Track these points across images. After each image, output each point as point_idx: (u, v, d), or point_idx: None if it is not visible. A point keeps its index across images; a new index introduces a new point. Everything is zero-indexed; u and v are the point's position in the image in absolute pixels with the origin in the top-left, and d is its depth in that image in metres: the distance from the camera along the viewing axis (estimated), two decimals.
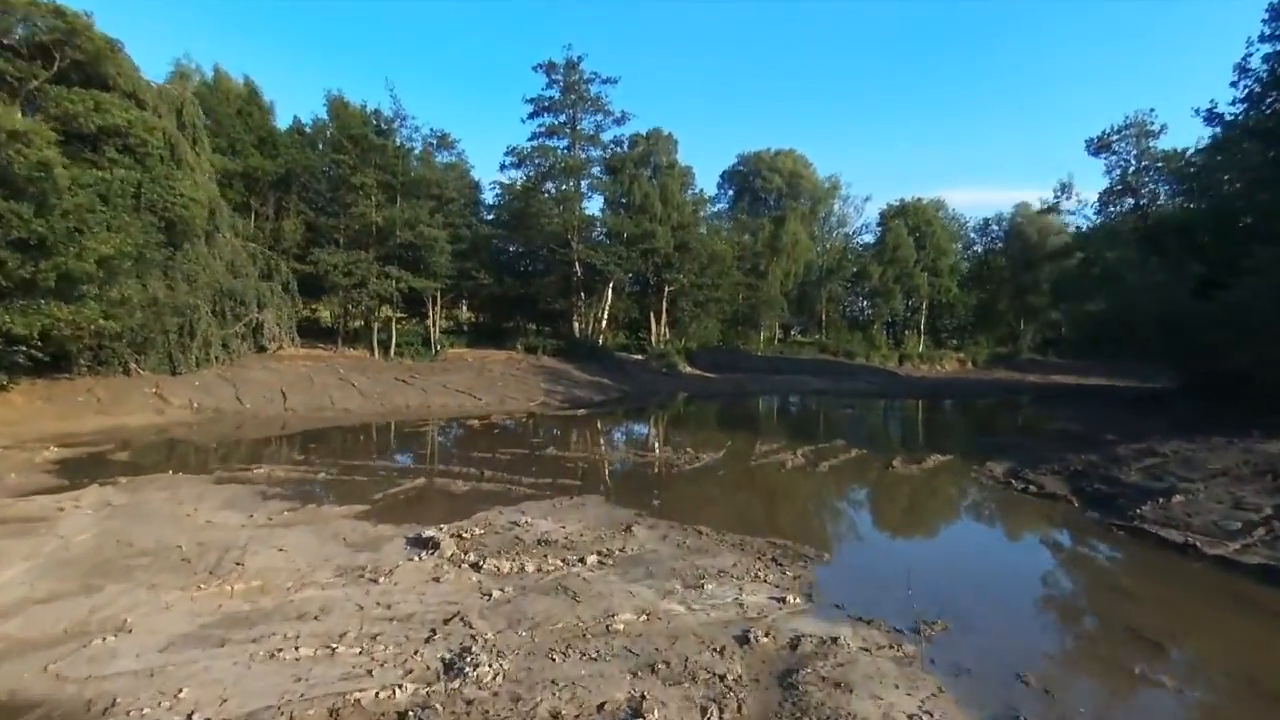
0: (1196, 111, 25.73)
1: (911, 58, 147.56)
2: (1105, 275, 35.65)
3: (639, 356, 47.90)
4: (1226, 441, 13.80)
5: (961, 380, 52.73)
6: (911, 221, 71.46)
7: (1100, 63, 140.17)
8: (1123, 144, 32.98)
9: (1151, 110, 33.07)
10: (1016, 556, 9.82)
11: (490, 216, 51.03)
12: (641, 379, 41.26)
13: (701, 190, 64.67)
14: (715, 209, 69.93)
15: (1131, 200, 33.66)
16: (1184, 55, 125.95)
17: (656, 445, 19.04)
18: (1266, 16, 22.71)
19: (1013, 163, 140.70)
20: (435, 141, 46.73)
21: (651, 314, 53.92)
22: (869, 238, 76.79)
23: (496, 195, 48.61)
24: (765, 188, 71.40)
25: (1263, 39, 23.14)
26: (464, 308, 56.69)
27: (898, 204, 74.01)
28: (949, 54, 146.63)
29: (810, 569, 8.72)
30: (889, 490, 14.60)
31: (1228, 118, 24.81)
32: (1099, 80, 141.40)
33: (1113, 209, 34.63)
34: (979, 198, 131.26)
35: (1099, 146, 33.52)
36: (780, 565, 8.78)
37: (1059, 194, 37.25)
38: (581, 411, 28.09)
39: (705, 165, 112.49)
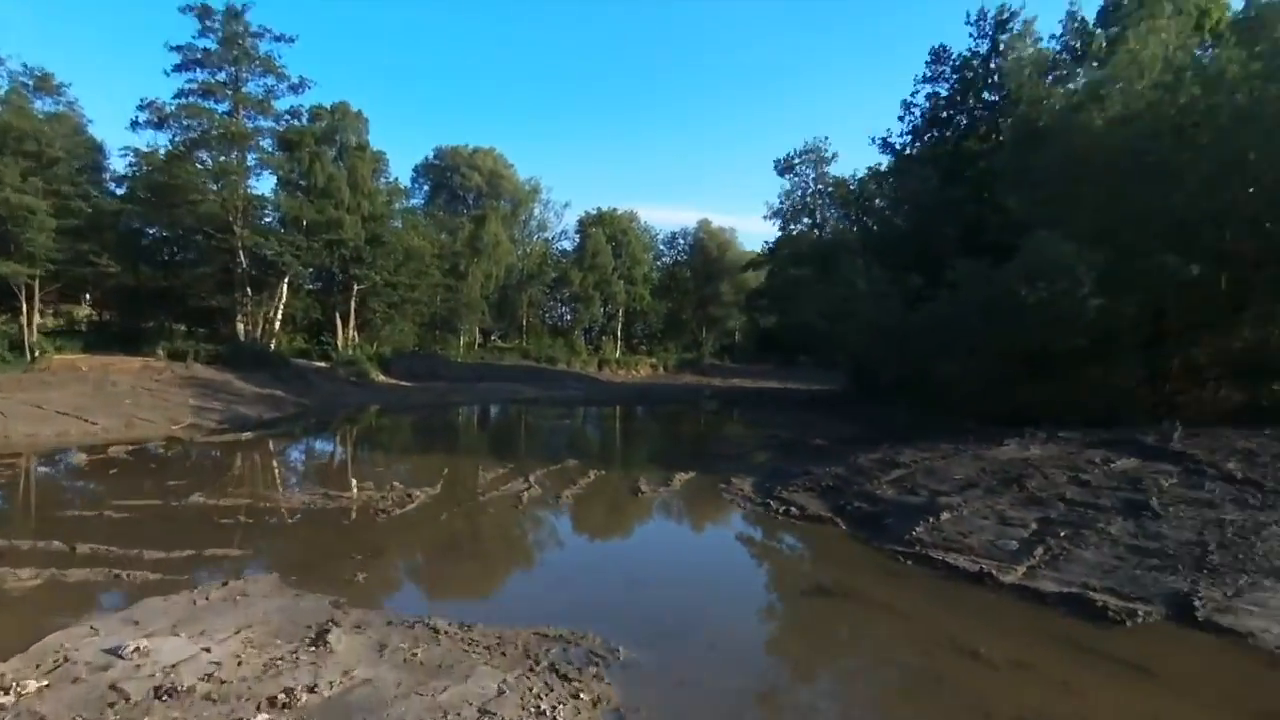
0: (873, 140, 28.70)
1: (612, 75, 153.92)
2: (788, 288, 38.83)
3: (323, 364, 41.39)
4: (955, 449, 14.24)
5: (658, 385, 54.58)
6: (609, 230, 73.16)
7: (791, 89, 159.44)
8: (803, 167, 36.28)
9: (826, 138, 36.93)
10: (844, 619, 8.20)
11: (120, 189, 40.33)
12: (326, 390, 35.38)
13: (396, 179, 59.09)
14: (411, 204, 64.57)
15: (809, 220, 37.16)
16: (865, 89, 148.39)
17: (353, 479, 14.95)
18: (929, 59, 25.95)
19: (692, 184, 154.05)
20: (31, 82, 35.59)
21: (338, 315, 47.31)
22: (568, 244, 77.26)
23: (131, 164, 38.46)
24: (464, 185, 67.78)
25: (924, 80, 26.38)
26: (84, 303, 44.48)
27: (595, 212, 75.46)
28: (642, 77, 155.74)
29: (607, 680, 6.08)
30: (653, 524, 12.72)
31: (898, 147, 28.00)
32: (789, 106, 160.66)
33: (792, 227, 37.92)
34: (667, 216, 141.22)
35: (784, 168, 36.50)
36: (565, 679, 6.01)
37: (772, 216, 39.97)
38: (247, 434, 22.31)
39: (398, 156, 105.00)
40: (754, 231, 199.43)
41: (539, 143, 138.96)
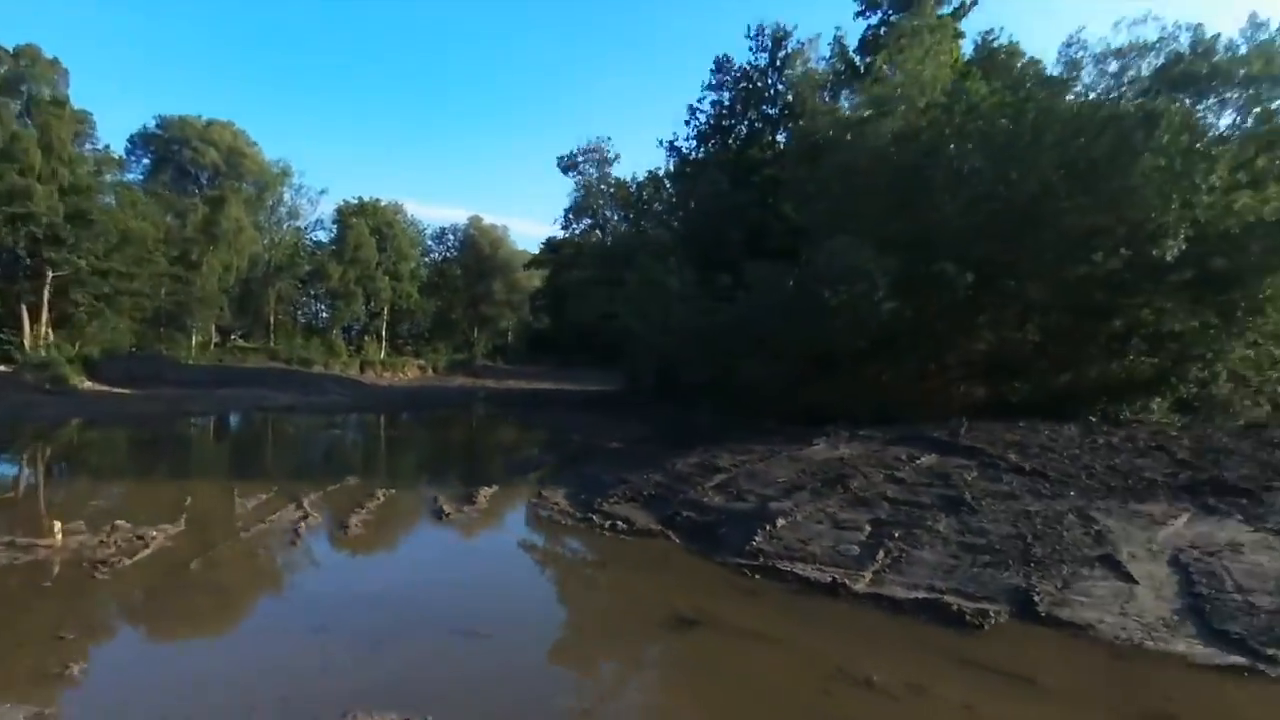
0: (660, 142, 29.07)
1: (379, 61, 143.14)
2: (572, 287, 38.44)
3: (3, 368, 33.31)
4: (769, 450, 14.30)
5: (428, 388, 51.44)
6: (372, 222, 67.92)
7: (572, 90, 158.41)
8: (586, 166, 35.99)
9: (609, 138, 36.85)
10: (718, 655, 7.38)
11: None
12: (7, 401, 28.36)
13: (109, 147, 49.74)
14: (127, 177, 54.62)
15: (590, 220, 36.97)
16: (639, 96, 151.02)
17: (55, 520, 11.40)
18: (713, 68, 26.82)
19: (462, 183, 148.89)
20: None
21: (24, 308, 38.43)
22: (324, 235, 70.51)
23: None
24: (196, 162, 58.87)
25: (709, 87, 27.25)
26: None
27: (356, 202, 69.68)
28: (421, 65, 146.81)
29: None
30: (469, 556, 11.11)
31: (684, 151, 28.63)
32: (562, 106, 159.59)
33: (575, 226, 37.53)
34: (433, 214, 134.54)
35: (568, 165, 35.94)
36: None
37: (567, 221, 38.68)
38: None
39: (109, 123, 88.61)
40: (529, 233, 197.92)
41: (289, 123, 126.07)
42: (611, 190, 36.12)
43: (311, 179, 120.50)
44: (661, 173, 33.25)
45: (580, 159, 35.98)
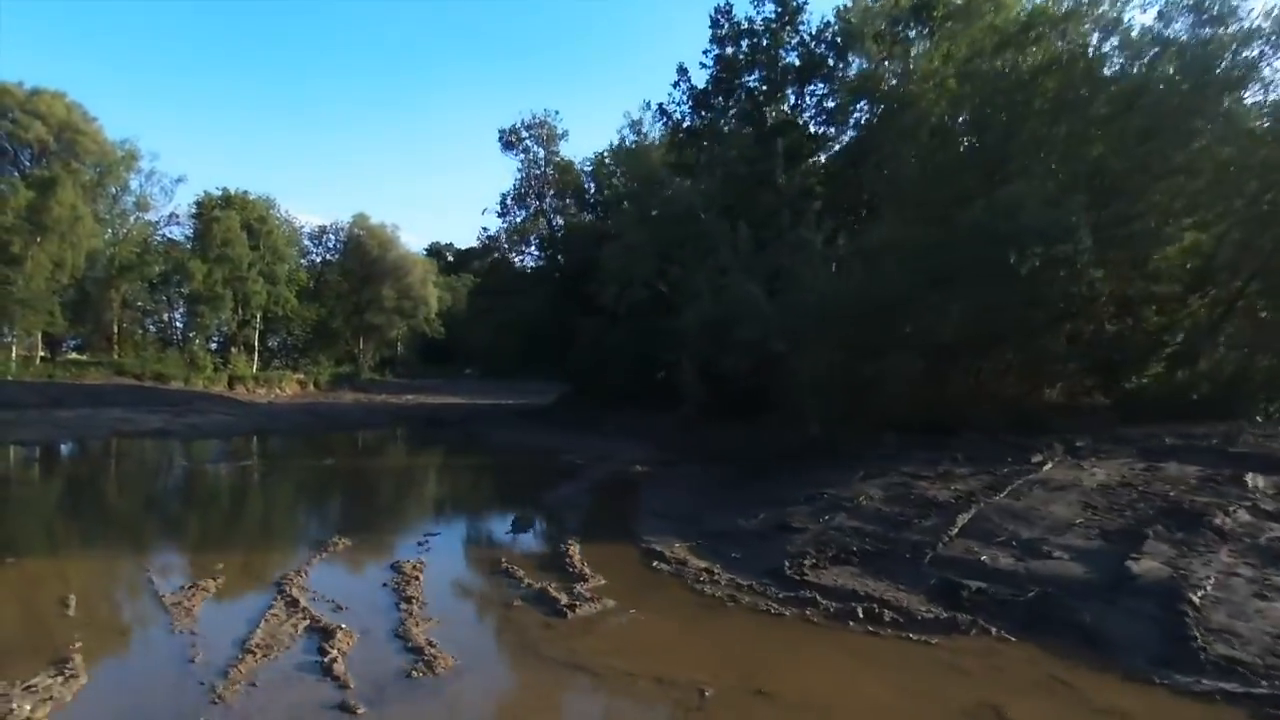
0: (647, 105, 24.85)
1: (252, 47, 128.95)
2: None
3: None
4: (980, 472, 10.56)
5: (325, 406, 44.40)
6: (242, 217, 59.20)
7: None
8: (532, 143, 31.25)
9: (557, 112, 31.93)
10: None
11: None
12: None
13: None
14: None
15: (536, 202, 32.15)
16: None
17: None
18: (712, 21, 23.08)
19: (341, 184, 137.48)
20: None
21: None
22: (180, 231, 60.81)
23: None
24: (17, 137, 48.60)
25: (714, 41, 23.55)
26: None
27: (221, 193, 60.63)
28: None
29: None
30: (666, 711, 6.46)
31: (678, 116, 24.61)
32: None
33: (516, 214, 32.64)
34: (309, 219, 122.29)
35: (510, 140, 31.01)
36: None
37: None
38: None
39: None
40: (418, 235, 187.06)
41: (137, 101, 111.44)
42: (554, 172, 31.50)
43: (168, 165, 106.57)
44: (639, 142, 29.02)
45: (525, 134, 31.27)
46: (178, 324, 62.69)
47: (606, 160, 32.02)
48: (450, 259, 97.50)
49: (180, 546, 10.36)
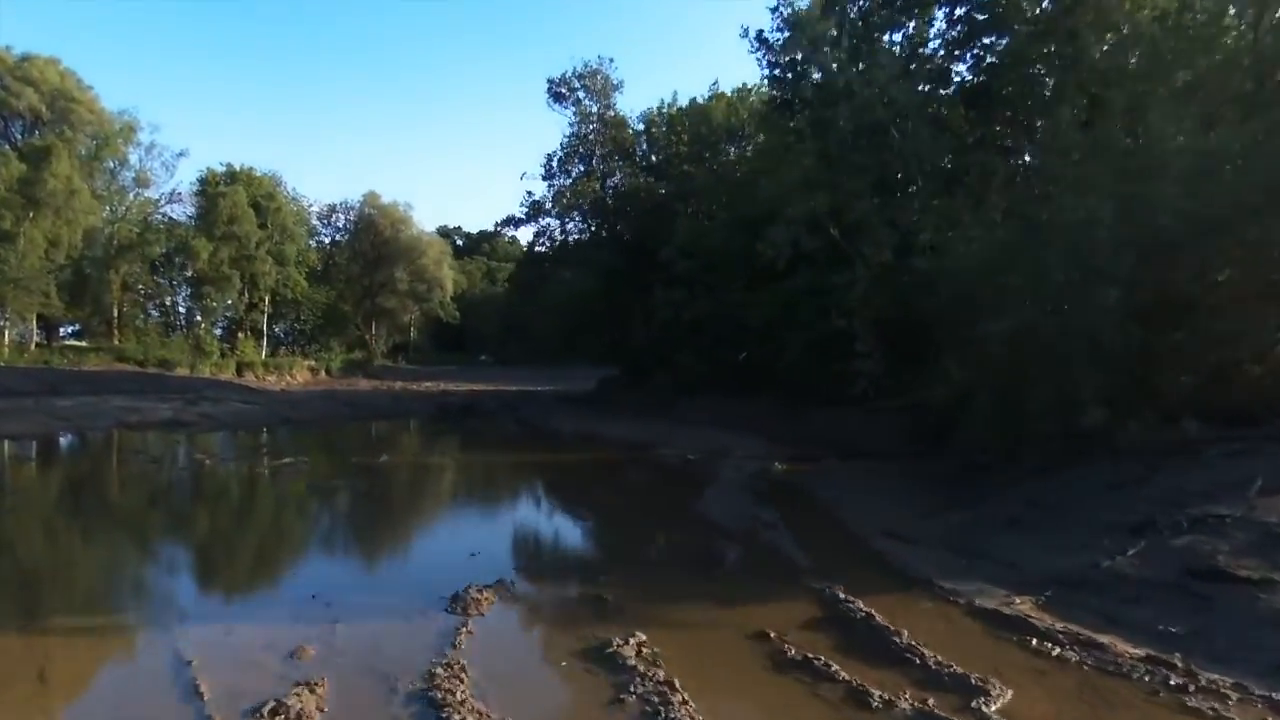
0: (743, 33, 20.94)
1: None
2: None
3: None
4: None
5: (344, 393, 41.01)
6: (249, 193, 55.61)
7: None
8: (585, 94, 27.63)
9: (611, 60, 28.13)
10: None
11: None
12: None
13: None
14: None
15: (583, 167, 28.61)
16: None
17: None
18: None
19: (353, 159, 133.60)
20: None
21: None
22: (183, 210, 57.15)
23: None
24: (9, 106, 44.93)
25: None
26: None
27: (225, 169, 57.04)
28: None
29: None
30: None
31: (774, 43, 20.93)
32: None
33: (565, 176, 29.06)
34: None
35: (560, 92, 27.42)
36: None
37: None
38: None
39: None
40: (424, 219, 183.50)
41: (132, 76, 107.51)
42: (610, 129, 27.83)
43: (170, 138, 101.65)
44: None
45: (577, 84, 27.64)
46: (181, 308, 59.30)
47: (658, 118, 28.50)
48: (459, 243, 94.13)
49: (237, 607, 7.02)
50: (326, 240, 70.89)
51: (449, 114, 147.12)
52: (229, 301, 54.73)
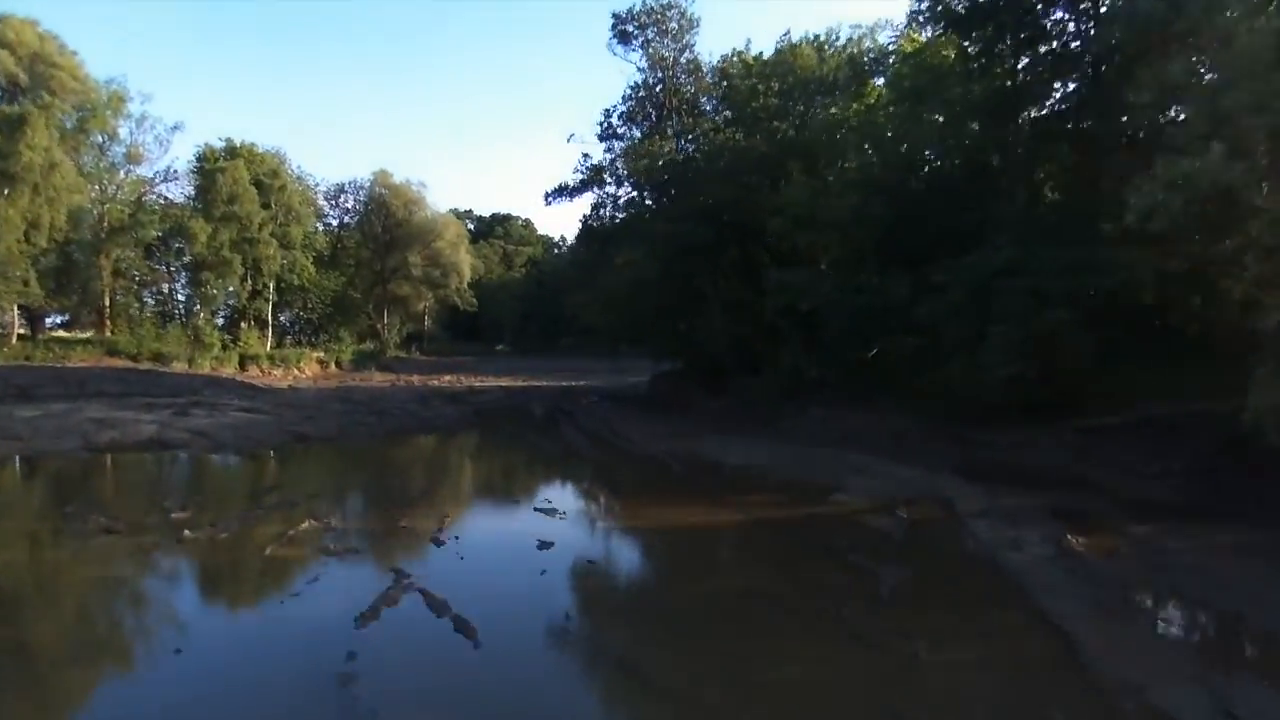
0: None
1: None
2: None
3: None
4: None
5: (359, 391, 36.47)
6: (251, 171, 50.88)
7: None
8: (657, 36, 22.67)
9: None
10: None
11: None
12: None
13: None
14: None
15: (651, 120, 23.61)
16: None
17: None
18: None
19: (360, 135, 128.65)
20: None
21: None
22: (180, 190, 52.44)
23: None
24: None
25: None
26: None
27: (225, 144, 52.29)
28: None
29: None
30: None
31: None
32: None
33: (629, 134, 24.10)
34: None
35: (624, 31, 22.42)
36: None
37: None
38: None
39: None
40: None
41: (122, 43, 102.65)
42: (687, 77, 22.86)
43: (163, 110, 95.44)
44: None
45: (647, 21, 22.62)
46: (180, 296, 54.71)
47: (737, 65, 23.59)
48: (470, 226, 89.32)
49: None
50: (335, 223, 66.23)
51: (457, 92, 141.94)
52: (230, 289, 50.12)
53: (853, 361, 18.08)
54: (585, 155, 23.85)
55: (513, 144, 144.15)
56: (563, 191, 23.74)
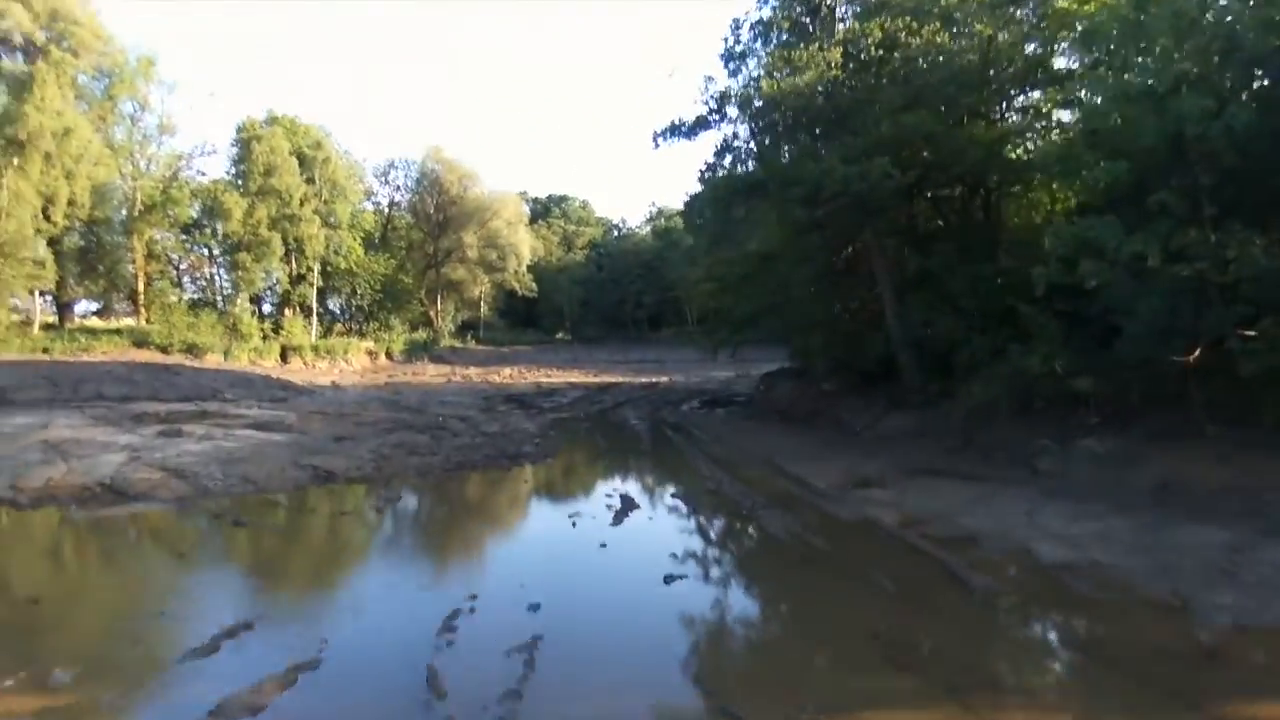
0: None
1: None
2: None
3: None
4: None
5: (412, 390, 31.08)
6: (294, 144, 46.05)
7: None
8: None
9: None
10: None
11: None
12: None
13: None
14: None
15: (804, 28, 16.99)
16: None
17: None
18: None
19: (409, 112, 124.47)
20: None
21: None
22: (220, 168, 48.04)
23: None
24: None
25: None
26: None
27: (267, 115, 47.60)
28: None
29: None
30: None
31: None
32: None
33: (765, 50, 17.57)
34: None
35: None
36: None
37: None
38: None
39: None
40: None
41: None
42: None
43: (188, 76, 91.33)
44: None
45: None
46: (223, 281, 50.27)
47: None
48: (526, 208, 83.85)
49: None
50: (384, 202, 61.31)
51: (506, 71, 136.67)
52: (269, 272, 45.44)
53: (1161, 368, 11.52)
54: (709, 78, 17.38)
55: (565, 123, 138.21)
56: (676, 130, 17.53)
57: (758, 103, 16.40)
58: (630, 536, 9.27)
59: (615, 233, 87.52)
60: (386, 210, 61.32)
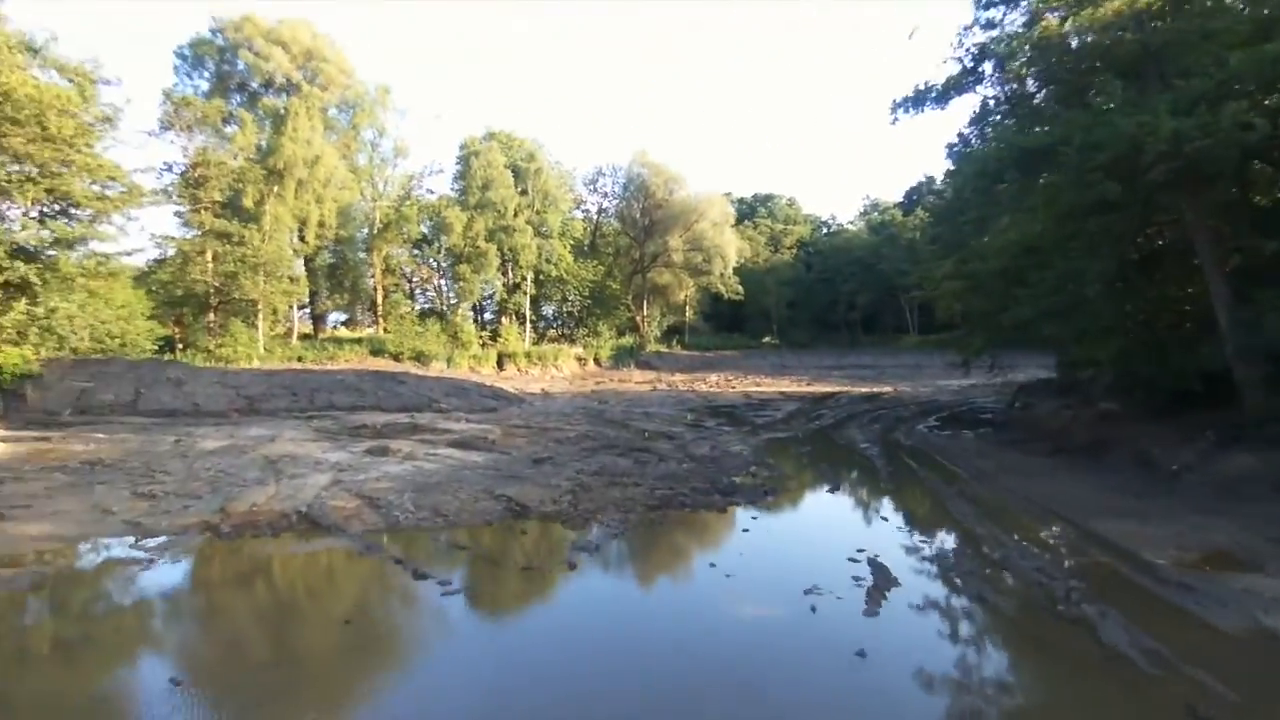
0: None
1: None
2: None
3: None
4: None
5: (617, 399, 30.13)
6: (508, 157, 47.76)
7: None
8: None
9: None
10: None
11: None
12: None
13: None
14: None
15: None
16: None
17: None
18: None
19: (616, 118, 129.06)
20: None
21: None
22: (441, 184, 51.04)
23: None
24: (257, 69, 40.13)
25: None
26: None
27: (485, 133, 49.86)
28: None
29: None
30: None
31: None
32: None
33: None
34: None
35: None
36: None
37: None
38: None
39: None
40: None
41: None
42: None
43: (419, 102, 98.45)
44: None
45: None
46: (448, 291, 53.47)
47: None
48: (731, 209, 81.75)
49: None
50: (593, 210, 62.28)
51: (708, 69, 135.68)
52: (489, 281, 47.36)
53: None
54: (965, 28, 14.14)
55: (770, 121, 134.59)
56: (923, 97, 14.42)
57: (1030, 52, 12.83)
58: (895, 640, 6.61)
59: (825, 230, 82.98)
60: (595, 217, 62.28)
